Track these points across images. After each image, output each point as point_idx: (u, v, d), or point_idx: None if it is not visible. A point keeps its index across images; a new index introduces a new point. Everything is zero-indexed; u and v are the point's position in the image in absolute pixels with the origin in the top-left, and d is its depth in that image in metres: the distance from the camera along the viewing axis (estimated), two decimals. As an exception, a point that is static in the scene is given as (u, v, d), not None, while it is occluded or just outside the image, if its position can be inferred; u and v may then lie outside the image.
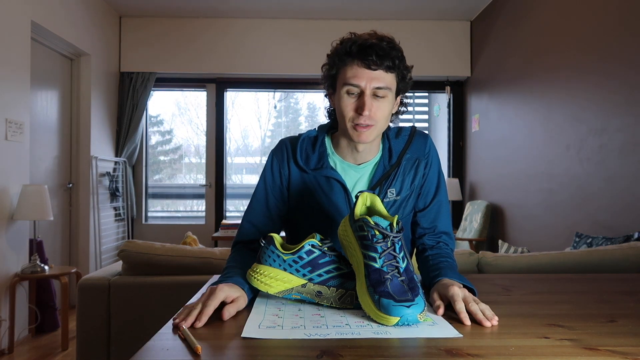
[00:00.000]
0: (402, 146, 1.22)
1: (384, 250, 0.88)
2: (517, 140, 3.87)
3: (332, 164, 1.20)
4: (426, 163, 1.22)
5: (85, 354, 1.86)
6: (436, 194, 1.24)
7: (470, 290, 1.00)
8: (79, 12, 4.00)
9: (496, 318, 0.85)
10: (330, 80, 1.16)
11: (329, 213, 1.19)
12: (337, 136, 1.22)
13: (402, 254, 0.89)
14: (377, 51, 1.06)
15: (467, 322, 0.85)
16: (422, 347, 0.73)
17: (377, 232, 0.88)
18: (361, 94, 1.09)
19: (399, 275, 0.87)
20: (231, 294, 0.91)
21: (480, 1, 4.49)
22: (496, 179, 4.33)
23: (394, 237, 0.88)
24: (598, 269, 1.74)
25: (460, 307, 0.87)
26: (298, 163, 1.20)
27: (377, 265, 0.87)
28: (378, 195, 1.13)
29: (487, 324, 0.84)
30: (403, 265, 0.88)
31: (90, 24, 4.21)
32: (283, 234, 1.26)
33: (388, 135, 1.23)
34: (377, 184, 1.18)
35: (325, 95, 1.22)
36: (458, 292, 0.91)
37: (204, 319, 0.84)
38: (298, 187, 1.21)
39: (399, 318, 0.81)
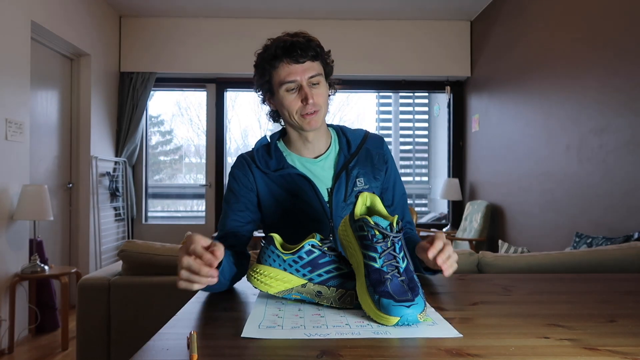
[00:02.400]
0: (360, 139, 1.32)
1: (384, 250, 0.88)
2: (517, 140, 3.87)
3: (291, 162, 1.27)
4: (385, 160, 1.33)
5: (85, 354, 1.87)
6: (400, 189, 1.35)
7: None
8: (79, 12, 4.00)
9: (453, 269, 1.00)
10: (267, 86, 1.25)
11: (301, 210, 1.24)
12: (287, 138, 1.30)
13: (402, 253, 0.89)
14: (299, 46, 1.17)
15: (431, 255, 0.99)
16: (422, 347, 0.73)
17: (377, 232, 0.88)
18: (300, 87, 1.19)
19: (399, 275, 0.87)
20: (204, 238, 0.94)
21: (480, 1, 4.49)
22: (496, 179, 4.33)
23: (393, 237, 0.88)
24: (598, 269, 1.74)
25: (438, 244, 0.99)
26: (260, 168, 1.25)
27: (377, 265, 0.87)
28: (347, 183, 1.24)
29: (442, 265, 0.98)
30: (403, 265, 0.88)
31: (90, 24, 4.21)
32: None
33: (344, 131, 1.34)
34: (342, 168, 1.26)
35: (263, 102, 1.30)
36: (442, 235, 1.02)
37: (210, 270, 0.90)
38: (266, 192, 1.25)
39: (399, 318, 0.81)
